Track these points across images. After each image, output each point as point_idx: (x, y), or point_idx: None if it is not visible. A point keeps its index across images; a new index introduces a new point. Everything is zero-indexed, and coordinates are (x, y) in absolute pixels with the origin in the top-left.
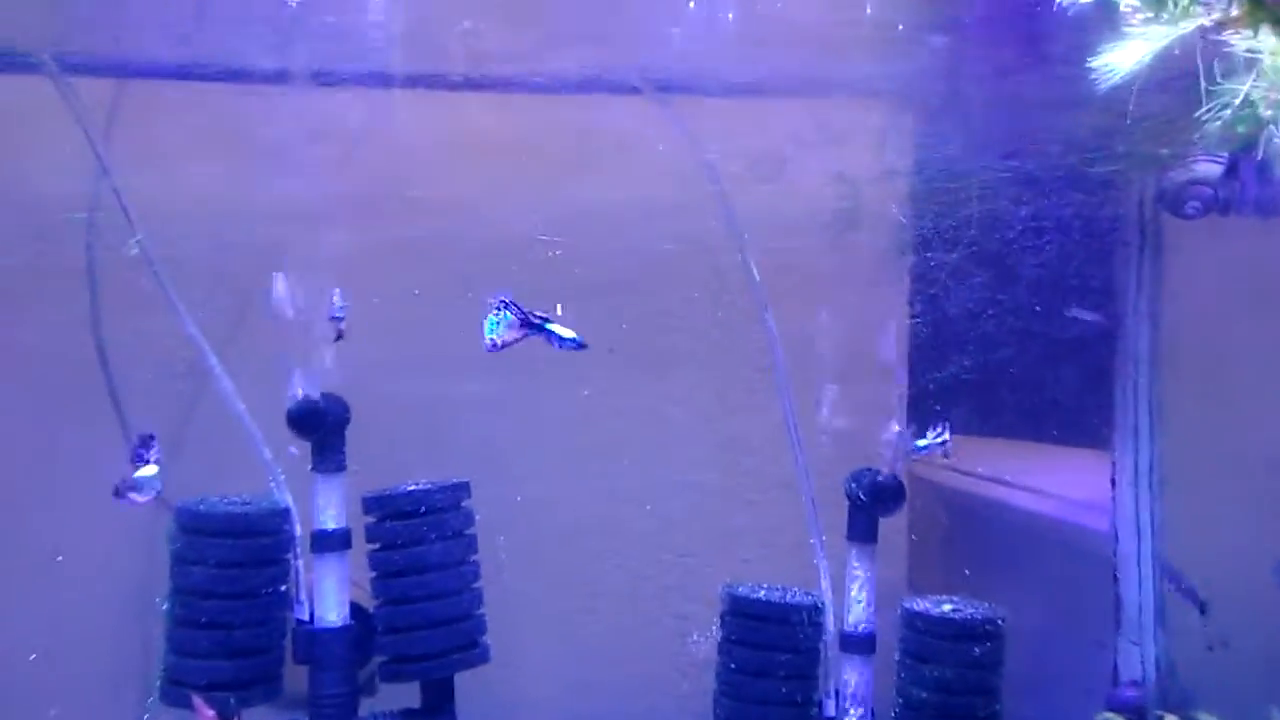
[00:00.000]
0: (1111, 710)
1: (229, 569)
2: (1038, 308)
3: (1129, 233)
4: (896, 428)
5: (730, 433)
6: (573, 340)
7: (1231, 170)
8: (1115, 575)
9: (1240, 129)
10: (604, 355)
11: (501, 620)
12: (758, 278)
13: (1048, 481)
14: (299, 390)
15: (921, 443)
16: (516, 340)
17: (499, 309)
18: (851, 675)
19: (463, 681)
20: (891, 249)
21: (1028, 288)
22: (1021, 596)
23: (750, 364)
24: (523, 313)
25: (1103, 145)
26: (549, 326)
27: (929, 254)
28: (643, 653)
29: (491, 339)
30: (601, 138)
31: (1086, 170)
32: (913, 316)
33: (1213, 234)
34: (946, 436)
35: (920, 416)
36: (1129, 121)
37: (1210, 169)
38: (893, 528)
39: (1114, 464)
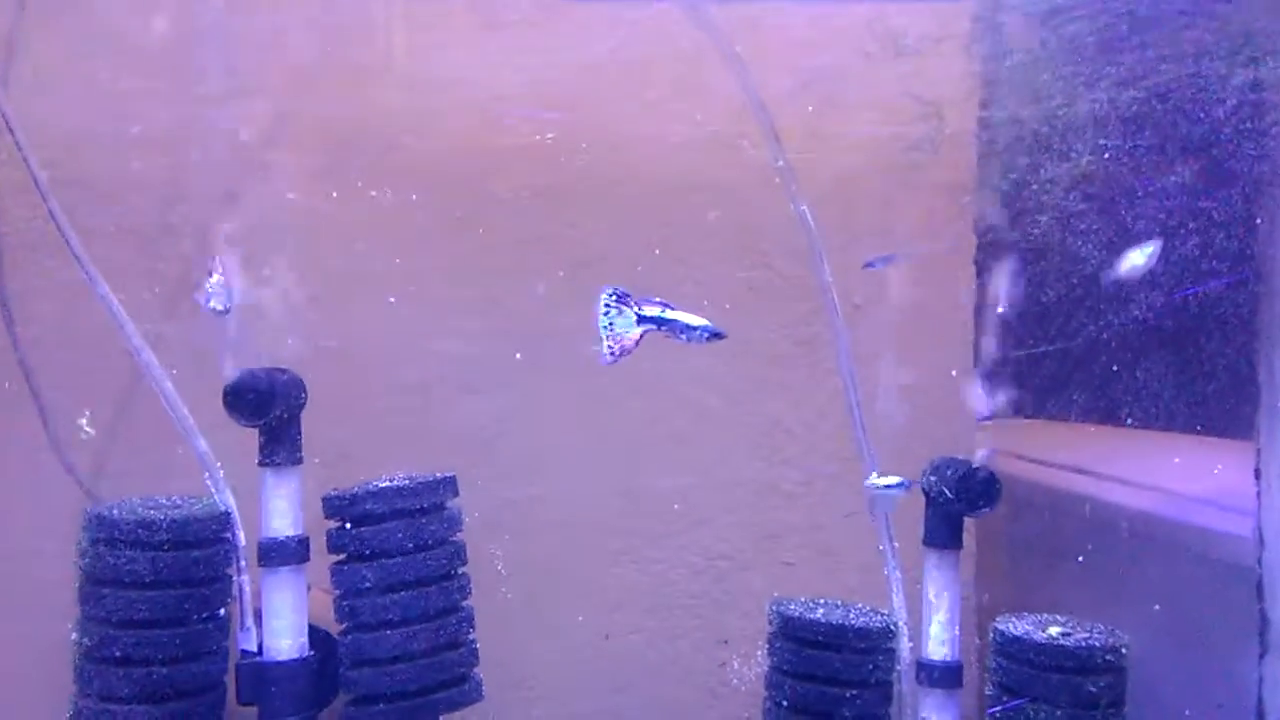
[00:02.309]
0: None
1: (152, 590)
2: (1157, 266)
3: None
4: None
5: (769, 415)
6: (704, 329)
7: None
8: (1260, 589)
9: None
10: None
11: (502, 644)
12: (813, 228)
13: (1168, 476)
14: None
15: (878, 481)
16: (638, 342)
17: (612, 307)
18: (933, 714)
19: None
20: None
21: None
22: (1134, 616)
23: (791, 336)
24: (640, 304)
25: (1241, 52)
26: (672, 315)
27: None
28: (672, 676)
29: (610, 347)
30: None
31: (1217, 88)
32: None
33: None
34: (903, 481)
35: (997, 394)
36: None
37: None
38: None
39: (1259, 453)
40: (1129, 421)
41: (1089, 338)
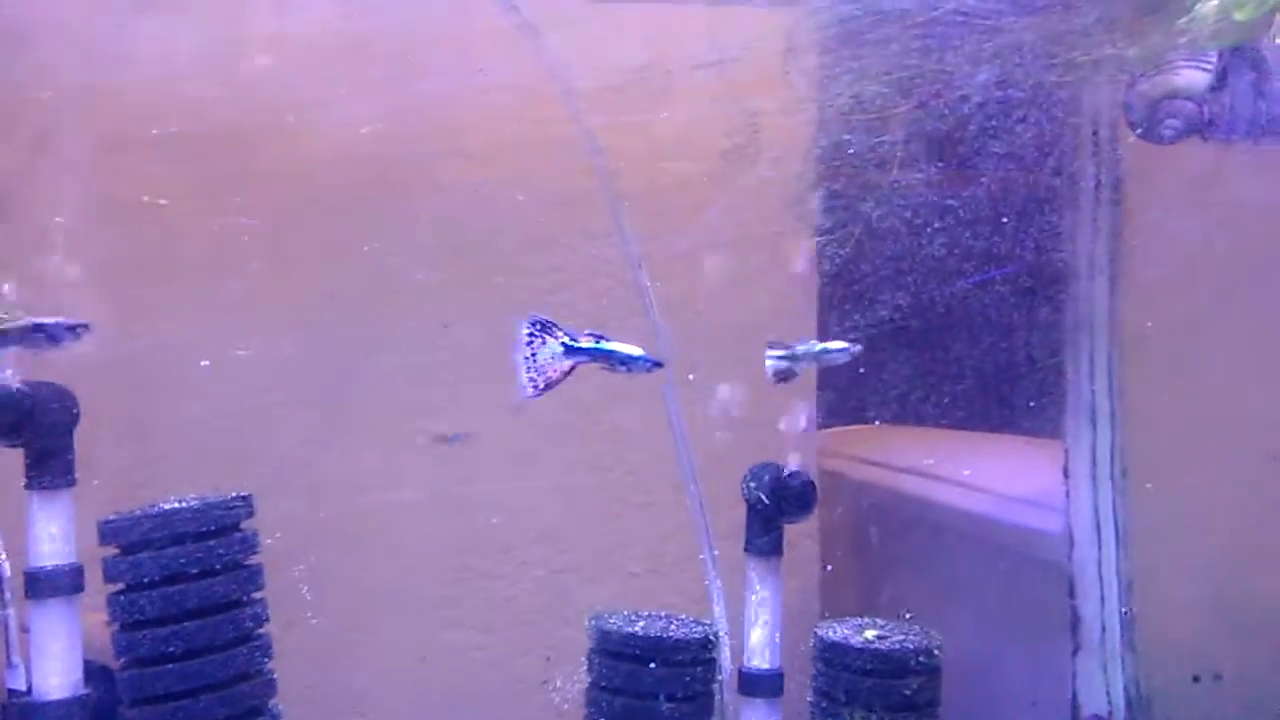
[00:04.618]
0: None
1: None
2: (966, 266)
3: (1082, 165)
4: None
5: (610, 424)
6: (644, 359)
7: (1221, 79)
8: (1071, 587)
9: (1240, 15)
10: (445, 334)
11: (321, 662)
12: (628, 230)
13: (985, 475)
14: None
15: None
16: (567, 375)
17: (536, 337)
18: None
19: None
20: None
21: (952, 241)
22: (956, 616)
23: (635, 339)
24: (569, 335)
25: (1048, 48)
26: (606, 346)
27: (830, 202)
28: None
29: (532, 379)
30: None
31: (1025, 84)
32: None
33: (1192, 162)
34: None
35: (832, 400)
36: (1083, 14)
37: (1194, 77)
38: (798, 532)
39: (1067, 452)
40: (956, 424)
41: (915, 344)
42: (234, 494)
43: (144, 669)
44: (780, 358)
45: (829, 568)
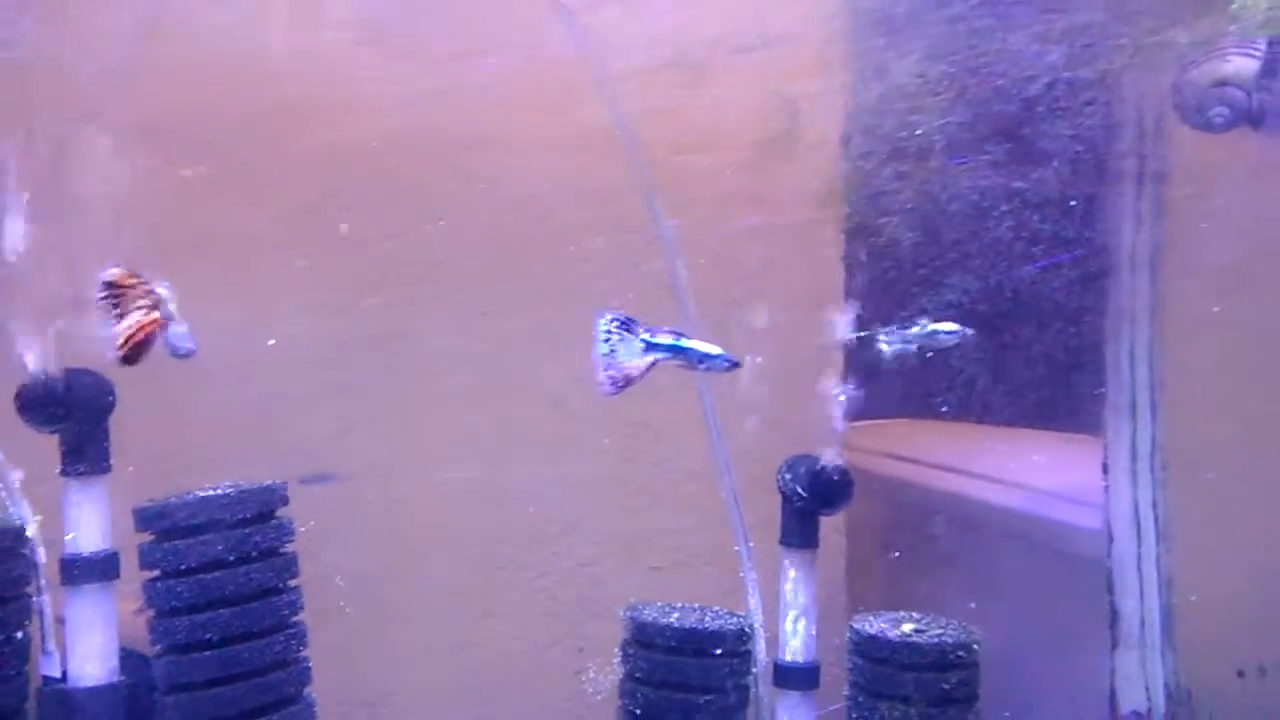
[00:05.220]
0: None
1: None
2: (1005, 259)
3: (1125, 153)
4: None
5: (636, 416)
6: (722, 358)
7: (1271, 67)
8: (1110, 582)
9: None
10: (481, 322)
11: (349, 655)
12: (665, 221)
13: (1020, 470)
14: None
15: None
16: (645, 372)
17: (614, 334)
18: (789, 717)
19: None
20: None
21: (989, 232)
22: (995, 611)
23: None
24: (650, 331)
25: (1091, 34)
26: (685, 344)
27: (864, 190)
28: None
29: (611, 377)
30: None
31: (1068, 72)
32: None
33: (1240, 151)
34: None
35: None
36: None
37: (1244, 65)
38: (828, 526)
39: (1106, 448)
40: (992, 419)
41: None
42: (269, 481)
43: (180, 655)
44: (892, 341)
45: (897, 554)
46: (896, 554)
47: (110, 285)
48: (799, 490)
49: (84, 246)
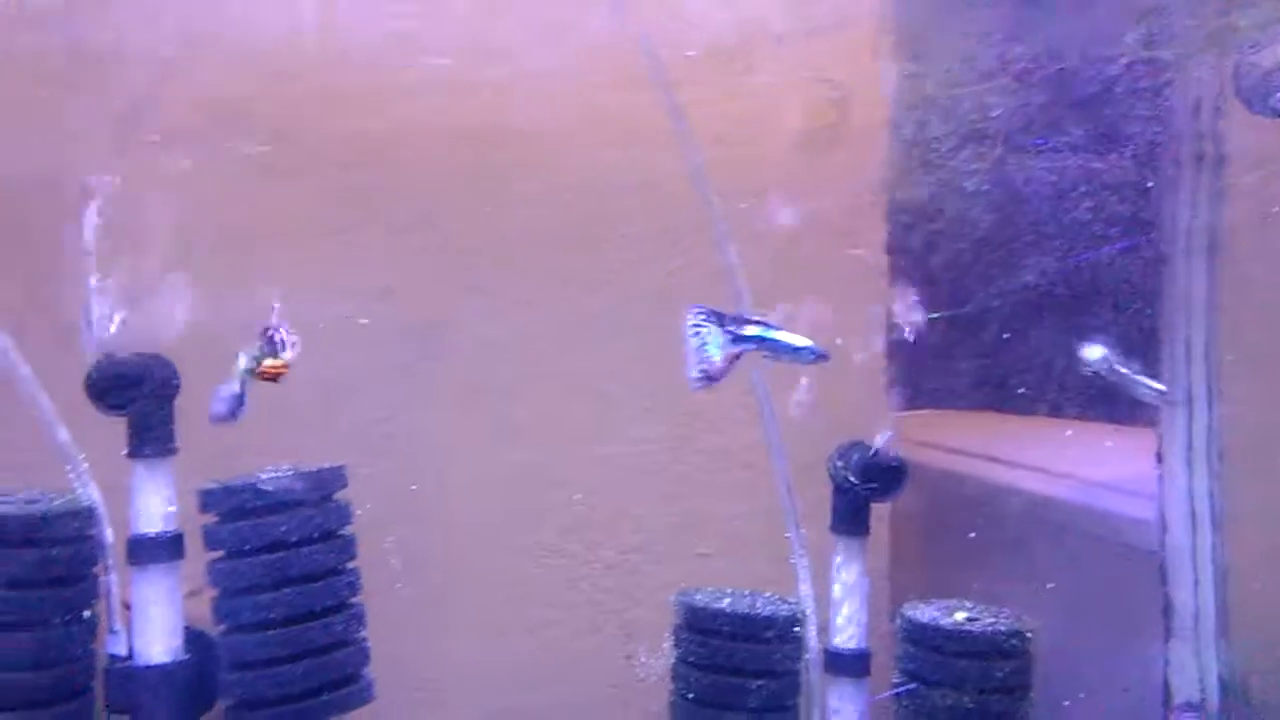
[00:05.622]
0: None
1: (10, 590)
2: (1055, 247)
3: (1182, 139)
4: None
5: (687, 401)
6: (809, 349)
7: None
8: (1163, 573)
9: None
10: (522, 311)
11: (398, 642)
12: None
13: (1068, 461)
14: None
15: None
16: (733, 363)
17: (702, 327)
18: (840, 704)
19: None
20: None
21: (1036, 222)
22: (1043, 601)
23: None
24: (736, 323)
25: (1155, 16)
26: (772, 335)
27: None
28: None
29: (703, 371)
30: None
31: (1121, 57)
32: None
33: None
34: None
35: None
36: None
37: None
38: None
39: (1161, 437)
40: (1038, 410)
41: (995, 330)
42: (329, 465)
43: (244, 634)
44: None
45: (973, 535)
46: (972, 534)
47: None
48: (850, 477)
49: (152, 231)
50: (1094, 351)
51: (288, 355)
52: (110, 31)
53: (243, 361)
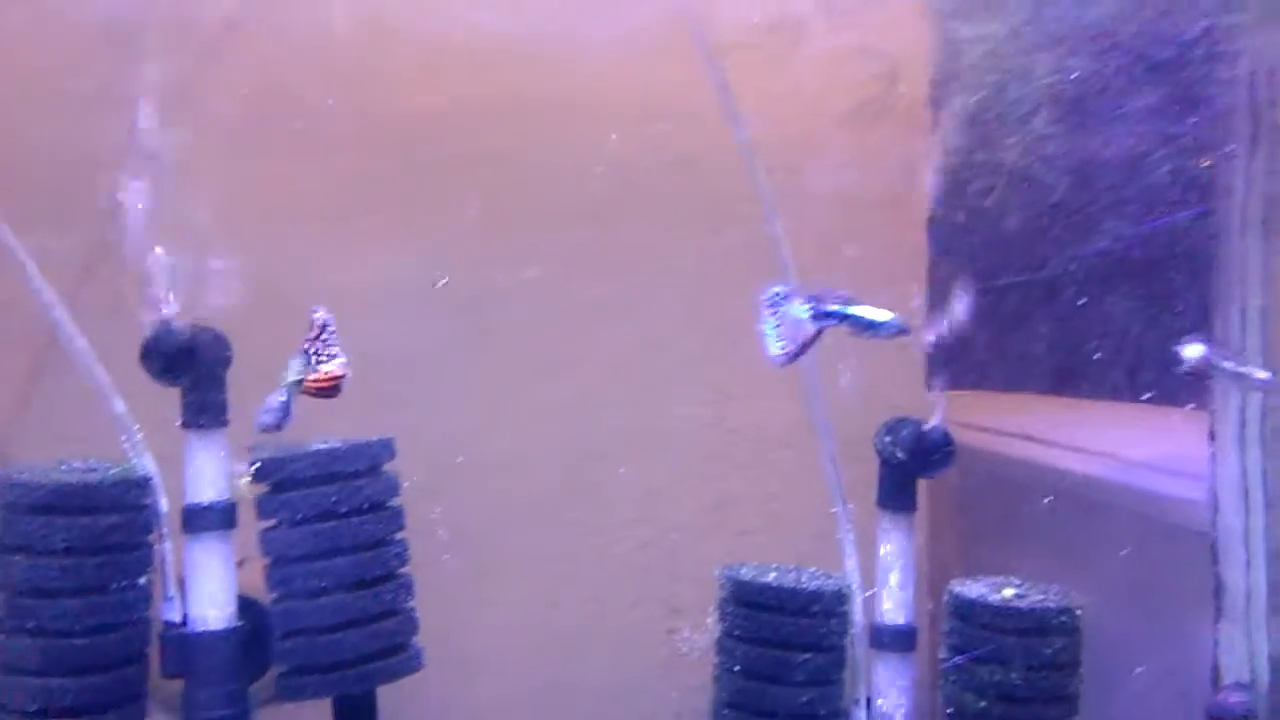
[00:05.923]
0: (1213, 718)
1: (67, 557)
2: (1103, 221)
3: (1238, 114)
4: None
5: (722, 379)
6: (891, 324)
7: None
8: (1215, 553)
9: None
10: (566, 287)
11: (443, 614)
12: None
13: (1113, 440)
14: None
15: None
16: (815, 338)
17: (781, 304)
18: (886, 679)
19: (390, 694)
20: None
21: (1084, 195)
22: (1088, 581)
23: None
24: (817, 299)
25: None
26: (853, 311)
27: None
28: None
29: (784, 347)
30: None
31: (1183, 29)
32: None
33: None
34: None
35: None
36: None
37: None
38: None
39: (1213, 414)
40: (1082, 392)
41: (1044, 310)
42: (376, 437)
43: (296, 602)
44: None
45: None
46: (1010, 519)
47: (322, 326)
48: (898, 453)
49: (207, 203)
50: (1193, 350)
51: (330, 367)
52: (165, 3)
53: (291, 372)
